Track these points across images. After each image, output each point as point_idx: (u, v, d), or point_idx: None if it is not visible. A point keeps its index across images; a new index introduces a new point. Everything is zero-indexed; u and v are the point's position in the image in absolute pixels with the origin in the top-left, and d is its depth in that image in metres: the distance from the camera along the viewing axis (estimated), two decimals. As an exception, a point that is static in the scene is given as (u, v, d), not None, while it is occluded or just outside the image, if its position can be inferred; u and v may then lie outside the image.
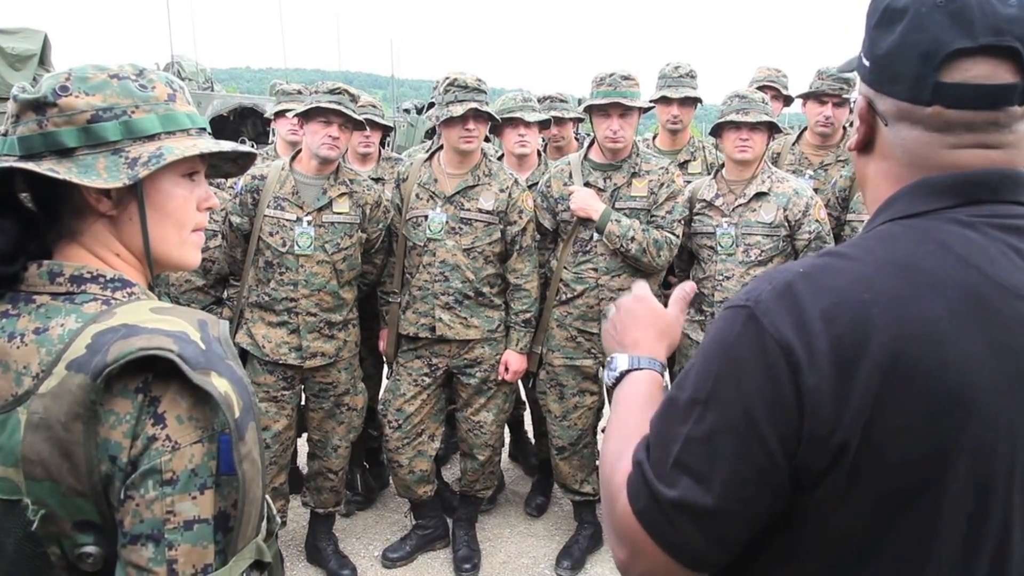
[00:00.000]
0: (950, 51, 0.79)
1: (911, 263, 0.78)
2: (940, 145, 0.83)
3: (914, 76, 0.81)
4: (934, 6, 0.80)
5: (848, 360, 0.74)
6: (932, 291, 0.76)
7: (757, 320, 0.78)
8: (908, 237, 0.81)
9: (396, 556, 3.34)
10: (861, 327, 0.74)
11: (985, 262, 0.78)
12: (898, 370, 0.73)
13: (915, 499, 0.76)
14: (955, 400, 0.74)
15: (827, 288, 0.78)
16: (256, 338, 3.03)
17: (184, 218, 1.05)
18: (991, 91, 0.79)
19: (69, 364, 0.86)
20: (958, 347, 0.74)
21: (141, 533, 0.84)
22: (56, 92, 0.95)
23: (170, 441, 0.85)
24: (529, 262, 3.19)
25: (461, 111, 2.97)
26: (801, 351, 0.75)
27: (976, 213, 0.81)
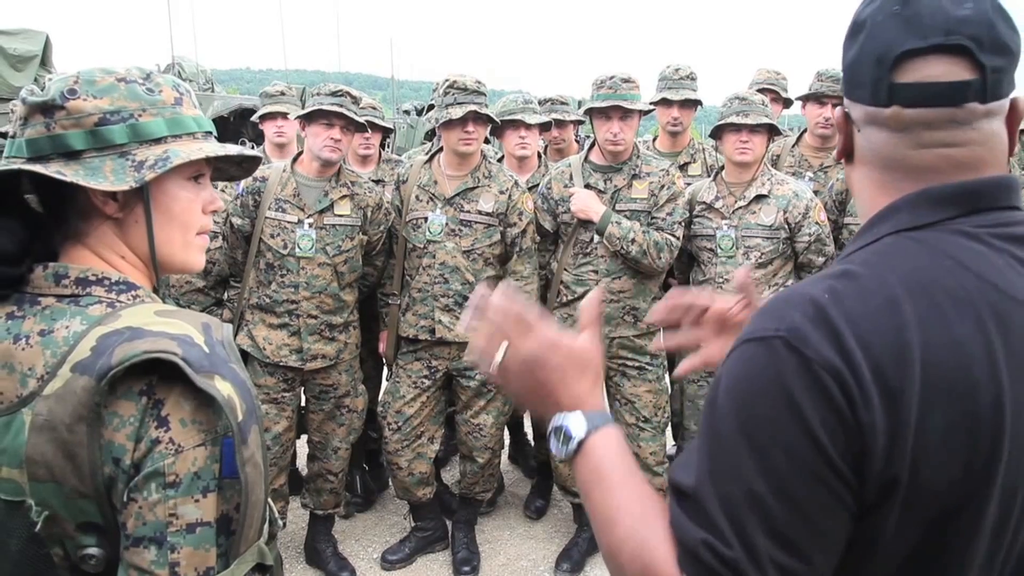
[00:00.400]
0: (900, 52, 0.82)
1: (932, 282, 0.77)
2: (904, 146, 0.84)
3: (873, 80, 0.84)
4: (889, 14, 0.83)
5: (892, 389, 0.71)
6: (957, 311, 0.75)
7: (797, 350, 0.73)
8: (920, 253, 0.80)
9: (395, 558, 3.34)
10: (900, 354, 0.72)
11: (998, 276, 0.78)
12: (937, 397, 0.72)
13: (956, 520, 0.75)
14: (990, 421, 0.74)
15: (860, 313, 0.74)
16: (257, 340, 3.03)
17: (189, 221, 1.06)
18: (944, 88, 0.81)
19: (74, 366, 0.87)
20: (986, 367, 0.74)
21: (144, 535, 0.84)
22: (64, 95, 0.95)
23: (173, 444, 0.86)
24: (529, 264, 3.19)
25: (460, 113, 2.97)
26: (851, 380, 0.71)
27: (979, 223, 0.81)
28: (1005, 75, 0.81)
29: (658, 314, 1.22)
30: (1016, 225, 0.82)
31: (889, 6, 0.83)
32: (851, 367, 0.72)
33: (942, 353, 0.73)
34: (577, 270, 3.19)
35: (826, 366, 0.72)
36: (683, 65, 3.93)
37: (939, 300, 0.76)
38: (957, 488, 0.74)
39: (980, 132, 0.82)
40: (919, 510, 0.74)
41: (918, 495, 0.73)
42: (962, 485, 0.74)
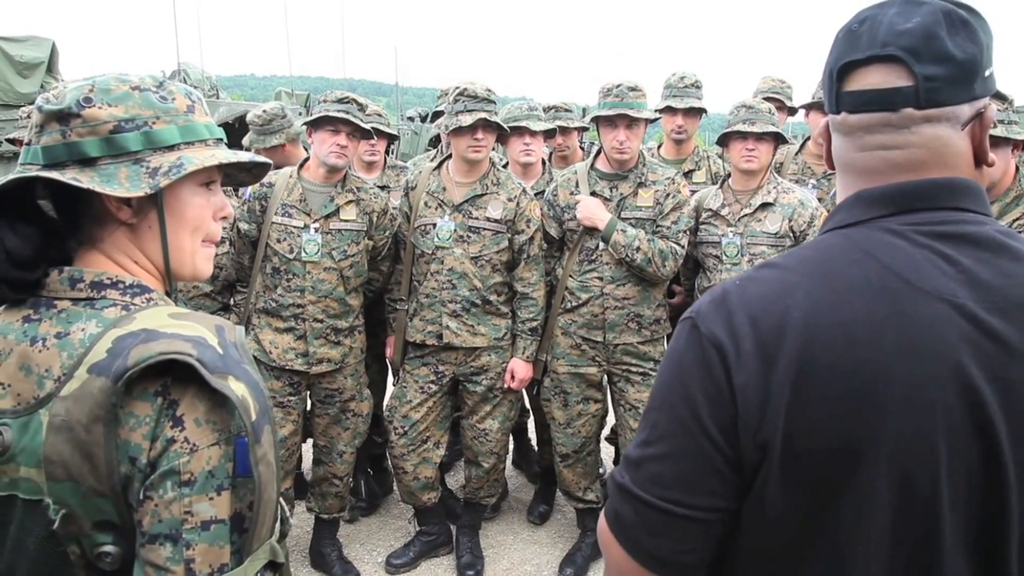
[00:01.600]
0: (843, 63, 0.90)
1: (835, 270, 0.85)
2: (851, 149, 0.93)
3: (828, 90, 0.94)
4: (847, 32, 0.92)
5: (769, 359, 0.81)
6: (851, 295, 0.82)
7: (697, 327, 0.87)
8: (838, 246, 0.88)
9: (400, 562, 3.35)
10: (781, 328, 0.82)
11: (908, 268, 0.83)
12: (814, 369, 0.79)
13: (840, 492, 0.80)
14: (869, 398, 0.78)
15: (756, 295, 0.86)
16: (263, 344, 3.05)
17: (202, 227, 1.08)
18: (878, 95, 0.88)
19: (90, 368, 0.88)
20: (873, 348, 0.79)
21: (159, 533, 0.86)
22: (80, 103, 0.97)
23: (188, 443, 0.87)
24: (536, 271, 3.21)
25: (470, 121, 2.99)
26: (731, 351, 0.83)
27: (908, 221, 0.87)
28: (947, 83, 0.85)
29: None
30: (949, 224, 0.86)
31: (849, 25, 0.92)
32: (734, 340, 0.84)
33: (829, 331, 0.80)
34: (582, 277, 3.20)
35: (712, 340, 0.85)
36: (688, 73, 3.95)
37: (837, 286, 0.83)
38: (838, 459, 0.79)
39: (919, 136, 0.88)
40: (799, 476, 0.80)
41: (795, 460, 0.80)
42: (843, 457, 0.79)
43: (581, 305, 3.20)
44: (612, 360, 3.22)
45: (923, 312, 0.80)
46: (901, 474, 0.79)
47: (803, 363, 0.80)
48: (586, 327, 3.21)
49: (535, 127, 3.65)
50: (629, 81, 3.11)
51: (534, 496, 3.97)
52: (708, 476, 0.84)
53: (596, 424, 3.35)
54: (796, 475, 0.80)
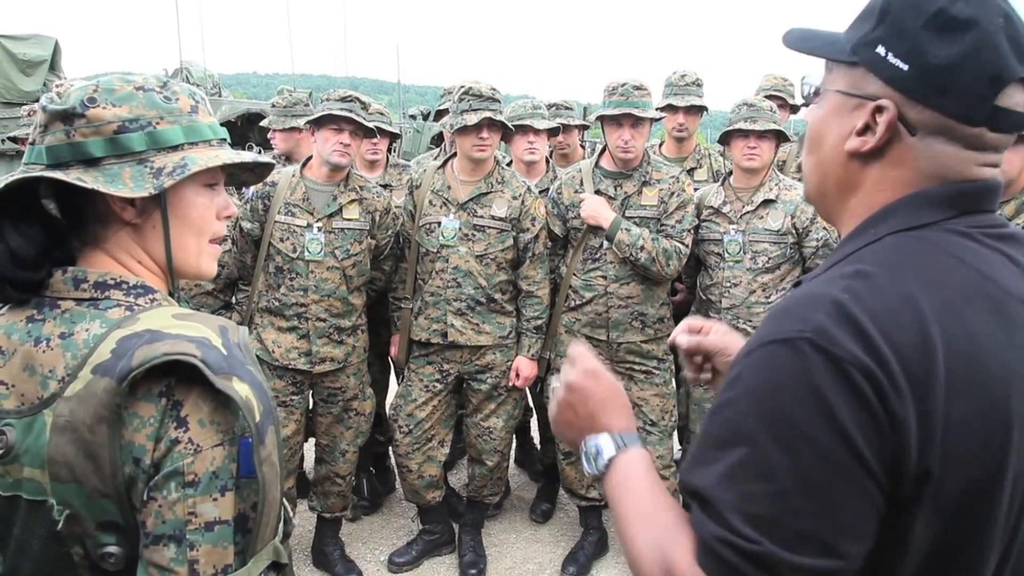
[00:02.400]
0: (1017, 77, 0.78)
1: (941, 279, 0.77)
2: (974, 162, 0.82)
3: (976, 96, 0.78)
4: (999, 27, 0.78)
5: (920, 383, 0.71)
6: (968, 306, 0.76)
7: (825, 349, 0.72)
8: (924, 251, 0.80)
9: (402, 561, 3.35)
10: (924, 348, 0.72)
11: (995, 273, 0.80)
12: (960, 388, 0.73)
13: (972, 509, 0.76)
14: (1003, 412, 0.75)
15: (879, 310, 0.74)
16: (266, 343, 3.05)
17: (205, 227, 1.07)
18: (1021, 119, 0.81)
19: (95, 368, 0.88)
20: (997, 359, 0.75)
21: (163, 533, 0.86)
22: (84, 103, 0.97)
23: (192, 444, 0.87)
24: (541, 269, 3.21)
25: (475, 120, 2.99)
26: (882, 376, 0.71)
27: (971, 224, 0.82)
28: None
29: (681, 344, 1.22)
30: (1002, 226, 0.84)
31: (995, 17, 0.78)
32: (880, 363, 0.71)
33: (961, 345, 0.73)
34: (586, 275, 3.20)
35: (856, 364, 0.71)
36: (689, 71, 3.94)
37: (950, 295, 0.76)
38: (977, 478, 0.75)
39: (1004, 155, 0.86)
40: (946, 502, 0.74)
41: (947, 486, 0.73)
42: (981, 474, 0.75)
43: (585, 303, 3.19)
44: (616, 359, 3.22)
45: (1017, 315, 0.78)
46: (1017, 481, 0.77)
47: (949, 383, 0.72)
48: (590, 325, 3.20)
49: (539, 125, 3.65)
50: (634, 80, 3.10)
51: (537, 494, 3.97)
52: (870, 520, 0.73)
53: (599, 422, 3.35)
54: (944, 503, 0.74)
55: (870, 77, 0.83)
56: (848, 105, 0.86)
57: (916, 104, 0.81)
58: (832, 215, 0.92)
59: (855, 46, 0.85)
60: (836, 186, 0.89)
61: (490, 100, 3.05)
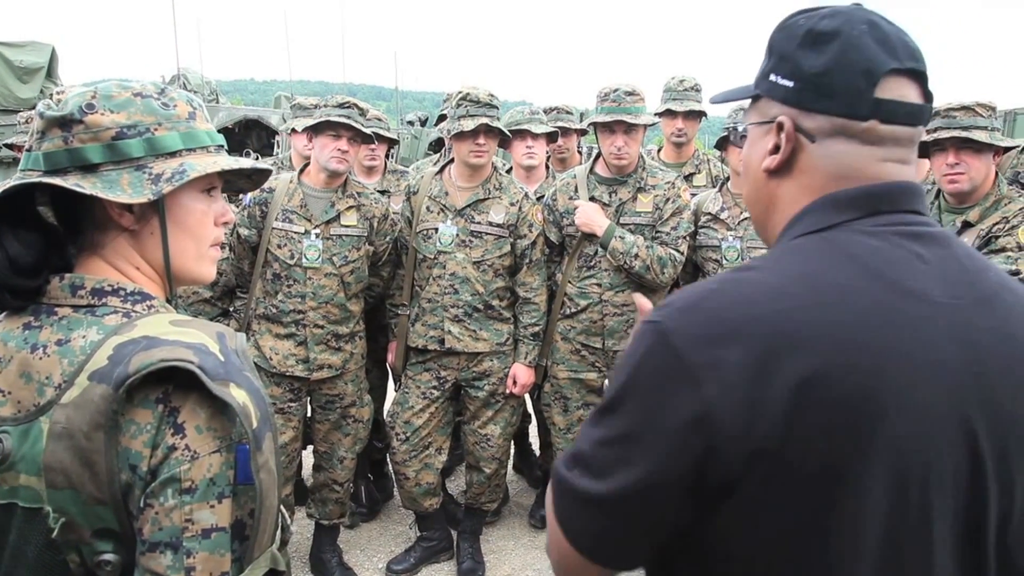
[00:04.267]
0: (888, 69, 0.85)
1: (818, 273, 0.82)
2: (874, 158, 0.88)
3: (855, 92, 0.86)
4: (862, 31, 0.86)
5: (760, 370, 0.77)
6: (839, 299, 0.80)
7: (663, 334, 0.81)
8: (816, 249, 0.86)
9: (400, 568, 3.34)
10: (772, 337, 0.78)
11: (890, 269, 0.82)
12: (810, 377, 0.76)
13: (835, 501, 0.78)
14: (865, 403, 0.77)
15: (738, 300, 0.81)
16: (263, 350, 3.04)
17: (203, 233, 1.07)
18: (914, 110, 0.87)
19: (91, 375, 0.88)
20: (865, 351, 0.78)
21: (160, 541, 0.85)
22: (83, 110, 0.97)
23: (189, 451, 0.87)
24: (538, 276, 3.21)
25: (472, 126, 2.99)
26: (706, 364, 0.78)
27: (879, 223, 0.86)
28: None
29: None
30: (917, 225, 0.86)
31: (857, 25, 0.87)
32: (710, 350, 0.78)
33: (818, 336, 0.78)
34: (581, 283, 3.19)
35: (680, 349, 0.79)
36: (688, 76, 3.96)
37: (823, 289, 0.80)
38: (835, 471, 0.77)
39: (915, 153, 0.90)
40: (789, 487, 0.77)
41: (787, 471, 0.77)
42: (839, 468, 0.77)
43: (580, 311, 3.19)
44: (611, 366, 3.21)
45: (910, 311, 0.80)
46: (898, 480, 0.78)
47: (800, 373, 0.76)
48: (585, 333, 3.20)
49: (537, 129, 3.66)
50: (626, 85, 3.10)
51: (535, 501, 3.96)
52: (655, 490, 0.80)
53: (597, 429, 3.34)
54: (786, 490, 0.78)
55: (771, 103, 0.93)
56: (761, 132, 0.95)
57: (808, 113, 0.89)
58: (767, 236, 0.99)
59: (756, 82, 0.96)
60: (764, 207, 0.97)
61: (487, 106, 3.05)
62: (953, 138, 2.63)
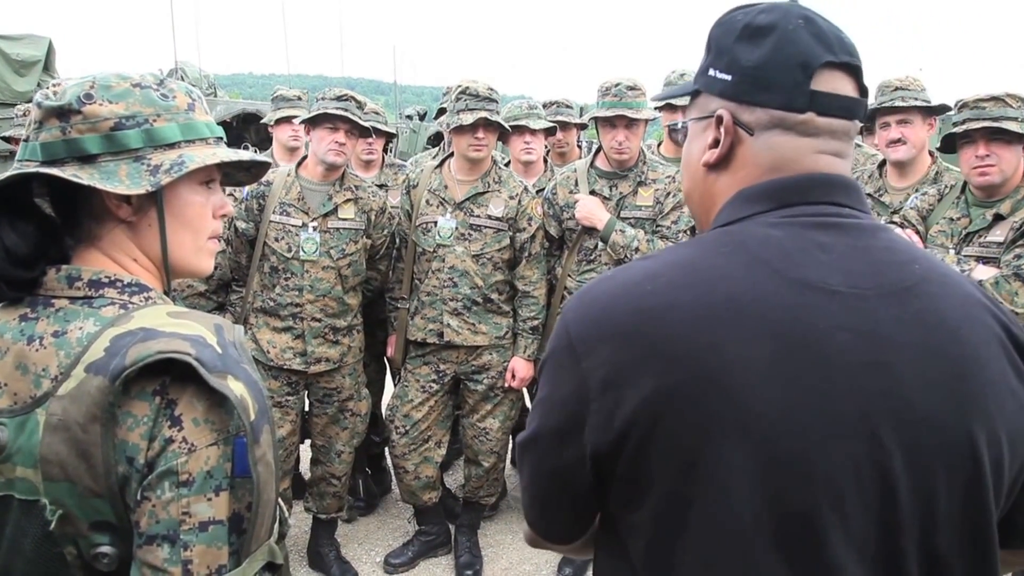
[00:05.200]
0: (823, 62, 0.86)
1: (699, 259, 0.84)
2: (810, 149, 0.88)
3: (792, 84, 0.86)
4: (798, 25, 0.87)
5: (624, 345, 0.81)
6: (712, 282, 0.81)
7: (563, 317, 0.89)
8: (712, 240, 0.87)
9: (398, 562, 3.34)
10: (636, 313, 0.82)
11: (778, 258, 0.82)
12: (666, 351, 0.79)
13: (700, 468, 0.78)
14: (718, 381, 0.77)
15: (619, 283, 0.86)
16: (261, 343, 3.04)
17: (201, 225, 1.07)
18: (850, 103, 0.87)
19: (88, 367, 0.87)
20: (730, 332, 0.78)
21: (157, 534, 0.85)
22: (81, 100, 0.96)
23: (186, 443, 0.86)
24: (538, 269, 3.20)
25: (471, 120, 2.99)
26: (583, 340, 0.84)
27: (788, 215, 0.86)
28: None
29: None
30: (829, 216, 0.86)
31: (793, 20, 0.87)
32: (589, 328, 0.84)
33: (680, 313, 0.80)
34: (581, 276, 3.19)
35: (568, 328, 0.87)
36: (688, 70, 3.94)
37: (697, 274, 0.83)
38: (694, 444, 0.78)
39: (851, 147, 0.91)
40: (656, 460, 0.80)
41: (651, 445, 0.80)
42: (698, 441, 0.78)
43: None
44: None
45: (788, 299, 0.79)
46: (768, 454, 0.77)
47: (657, 347, 0.79)
48: (585, 326, 3.19)
49: (535, 125, 3.65)
50: (628, 80, 3.09)
51: (533, 495, 3.96)
52: (560, 454, 0.88)
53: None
54: (654, 464, 0.80)
55: (710, 98, 0.93)
56: (700, 127, 0.95)
57: (746, 106, 0.89)
58: (707, 227, 0.99)
59: (696, 77, 0.97)
60: (702, 202, 0.98)
61: (487, 100, 3.05)
62: (983, 129, 2.58)
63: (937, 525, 0.80)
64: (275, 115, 4.03)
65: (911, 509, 0.79)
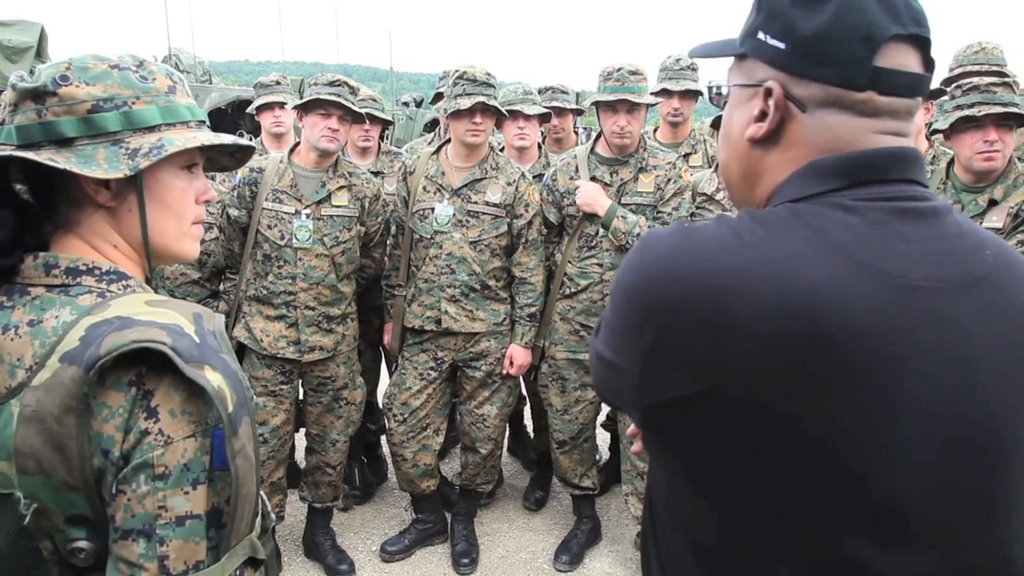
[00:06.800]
0: (889, 35, 0.78)
1: (779, 244, 0.77)
2: (869, 130, 0.81)
3: (852, 59, 0.78)
4: None
5: (702, 320, 0.76)
6: (791, 271, 0.75)
7: (637, 248, 0.84)
8: (786, 220, 0.79)
9: (394, 550, 3.33)
10: (704, 314, 0.76)
11: (860, 249, 0.76)
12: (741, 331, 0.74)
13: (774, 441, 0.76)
14: (804, 369, 0.73)
15: (705, 254, 0.78)
16: (254, 332, 3.01)
17: (183, 210, 1.04)
18: (914, 80, 0.80)
19: (62, 356, 0.85)
20: (808, 321, 0.73)
21: (132, 528, 0.83)
22: (56, 81, 0.93)
23: (163, 435, 0.84)
24: (535, 256, 3.18)
25: (468, 104, 2.96)
26: (656, 312, 0.78)
27: (863, 196, 0.79)
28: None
29: None
30: (904, 200, 0.80)
31: None
32: (660, 307, 0.78)
33: (759, 295, 0.74)
34: (581, 263, 3.16)
35: (632, 279, 0.82)
36: (684, 56, 3.90)
37: (779, 256, 0.76)
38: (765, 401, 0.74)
39: (912, 127, 0.84)
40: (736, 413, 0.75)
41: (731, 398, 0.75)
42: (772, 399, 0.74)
43: (580, 291, 3.16)
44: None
45: (867, 295, 0.74)
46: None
47: (729, 324, 0.74)
48: (584, 313, 3.17)
49: (529, 111, 3.62)
50: (630, 65, 3.06)
51: (530, 483, 3.96)
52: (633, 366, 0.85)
53: (593, 411, 3.33)
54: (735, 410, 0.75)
55: (758, 64, 0.85)
56: (745, 96, 0.88)
57: (800, 79, 0.81)
58: (748, 204, 0.92)
59: (742, 38, 0.88)
60: (744, 177, 0.91)
61: (484, 85, 3.01)
62: (994, 114, 2.54)
63: (1012, 521, 0.79)
64: (257, 102, 3.99)
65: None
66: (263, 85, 4.02)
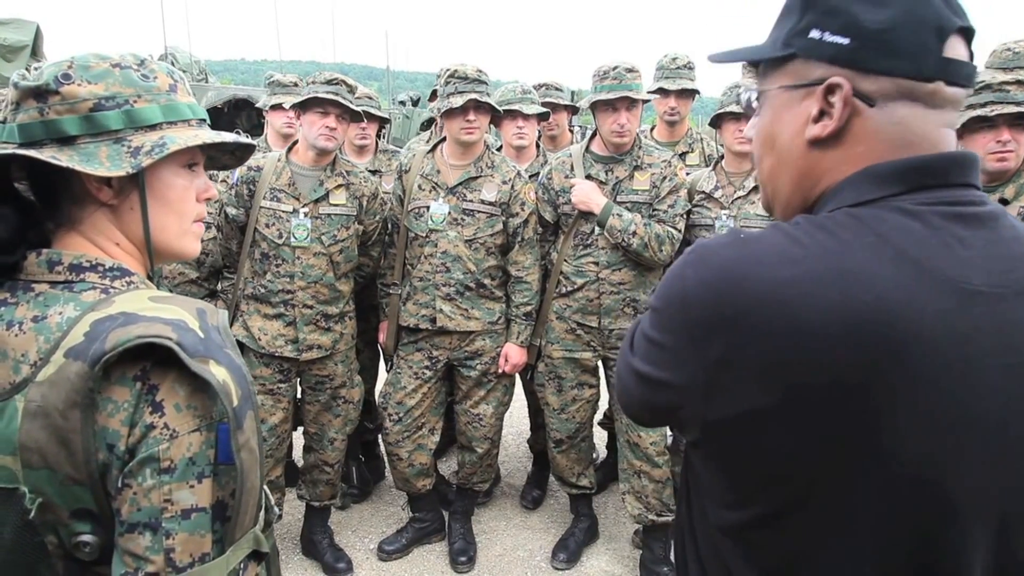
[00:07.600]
0: (956, 27, 0.78)
1: (845, 251, 0.76)
2: (937, 123, 0.81)
3: (923, 50, 0.78)
4: None
5: (747, 353, 0.76)
6: (860, 279, 0.75)
7: (679, 268, 0.85)
8: (848, 226, 0.78)
9: (392, 548, 3.34)
10: (765, 326, 0.75)
11: (924, 255, 0.76)
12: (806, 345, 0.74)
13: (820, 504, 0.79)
14: (864, 396, 0.74)
15: (752, 278, 0.78)
16: (252, 330, 3.01)
17: (185, 208, 1.05)
18: (972, 70, 0.81)
19: (67, 352, 0.85)
20: (881, 334, 0.73)
21: (138, 521, 0.83)
22: (59, 80, 0.94)
23: (168, 429, 0.84)
24: (531, 254, 3.18)
25: (461, 102, 2.96)
26: (717, 326, 0.78)
27: (923, 200, 0.79)
28: None
29: None
30: (964, 205, 0.80)
31: None
32: (720, 318, 0.78)
33: (828, 310, 0.74)
34: (577, 261, 3.17)
35: (704, 305, 0.80)
36: (680, 54, 3.92)
37: (844, 266, 0.75)
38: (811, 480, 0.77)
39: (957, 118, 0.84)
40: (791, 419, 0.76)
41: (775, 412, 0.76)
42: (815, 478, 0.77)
43: (576, 290, 3.17)
44: (607, 345, 3.20)
45: (933, 302, 0.75)
46: (894, 493, 0.76)
47: (796, 338, 0.74)
48: (581, 312, 3.18)
49: (528, 110, 3.62)
50: (625, 63, 3.06)
51: (527, 481, 3.97)
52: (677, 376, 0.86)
53: (590, 409, 3.34)
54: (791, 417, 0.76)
55: (811, 64, 0.84)
56: (795, 97, 0.86)
57: (867, 74, 0.81)
58: (789, 213, 0.91)
59: (787, 39, 0.86)
60: (799, 180, 0.89)
61: (476, 82, 3.02)
62: (1007, 114, 2.52)
63: None
64: (271, 100, 3.98)
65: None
66: (280, 84, 3.99)
